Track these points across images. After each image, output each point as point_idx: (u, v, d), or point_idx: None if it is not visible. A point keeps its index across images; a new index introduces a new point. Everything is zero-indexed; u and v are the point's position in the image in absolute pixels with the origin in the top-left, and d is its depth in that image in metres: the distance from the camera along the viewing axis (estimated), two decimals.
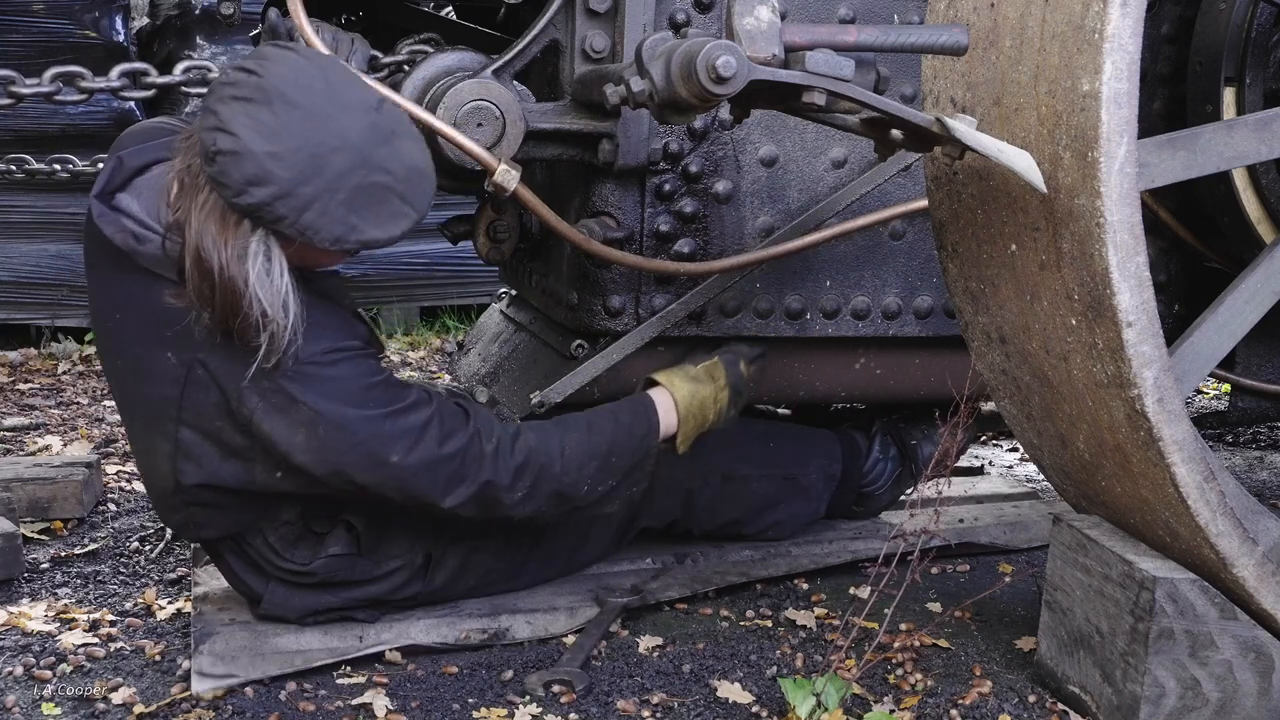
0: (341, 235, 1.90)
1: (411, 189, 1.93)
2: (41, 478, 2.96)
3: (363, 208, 1.89)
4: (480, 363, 3.07)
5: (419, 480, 2.07)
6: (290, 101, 1.84)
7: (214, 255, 1.87)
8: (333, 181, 1.85)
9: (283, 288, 1.90)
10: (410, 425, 2.05)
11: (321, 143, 1.84)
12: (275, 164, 1.83)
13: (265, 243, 1.89)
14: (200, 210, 1.88)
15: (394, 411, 2.04)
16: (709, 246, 2.55)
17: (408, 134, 1.95)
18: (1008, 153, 1.80)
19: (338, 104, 1.87)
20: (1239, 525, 1.90)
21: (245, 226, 1.88)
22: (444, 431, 2.08)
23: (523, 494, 2.15)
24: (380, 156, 1.89)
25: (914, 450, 2.85)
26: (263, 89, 1.84)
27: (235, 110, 1.83)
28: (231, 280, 1.87)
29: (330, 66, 1.93)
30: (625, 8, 2.35)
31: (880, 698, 2.15)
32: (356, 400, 2.02)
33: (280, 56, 1.89)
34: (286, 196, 1.84)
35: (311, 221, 1.87)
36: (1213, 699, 1.98)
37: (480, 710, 2.09)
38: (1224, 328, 2.06)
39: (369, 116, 1.89)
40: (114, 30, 4.77)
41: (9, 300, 4.91)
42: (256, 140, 1.82)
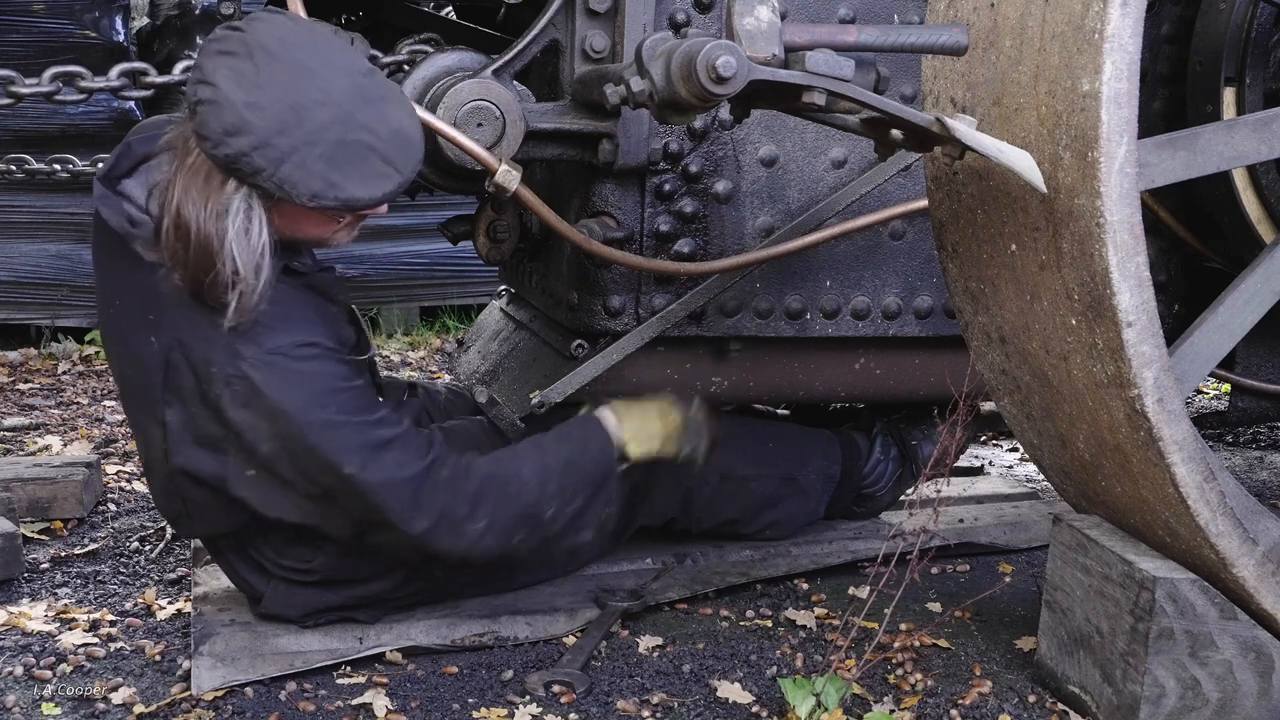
0: (320, 191, 1.87)
1: (396, 151, 1.90)
2: (41, 478, 2.96)
3: (344, 164, 1.87)
4: (480, 360, 3.07)
5: (377, 499, 2.02)
6: (272, 54, 1.84)
7: (193, 213, 1.86)
8: (311, 134, 1.84)
9: (259, 247, 1.89)
10: (369, 440, 2.01)
11: (303, 93, 1.84)
12: (253, 113, 1.82)
13: (247, 200, 1.88)
14: (186, 171, 1.88)
15: (356, 423, 2.00)
16: (709, 246, 2.55)
17: (396, 101, 1.94)
18: (1008, 153, 1.80)
19: (323, 62, 1.87)
20: (1239, 525, 1.90)
21: (229, 186, 1.87)
22: (403, 455, 2.04)
23: (485, 522, 2.10)
24: (364, 116, 1.87)
25: (914, 450, 2.85)
26: (246, 43, 1.84)
27: (218, 63, 1.84)
28: (207, 237, 1.86)
29: (319, 31, 1.93)
30: (625, 8, 2.35)
31: (880, 698, 2.15)
32: (318, 401, 1.98)
33: (268, 17, 1.90)
34: (264, 147, 1.83)
35: (289, 174, 1.85)
36: (1213, 699, 1.98)
37: (480, 710, 2.09)
38: (1224, 328, 2.06)
39: (355, 79, 1.89)
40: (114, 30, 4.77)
41: (9, 300, 4.91)
42: (236, 90, 1.82)
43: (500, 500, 2.12)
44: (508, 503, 2.13)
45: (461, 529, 2.09)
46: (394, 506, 2.03)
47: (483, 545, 2.13)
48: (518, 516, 2.15)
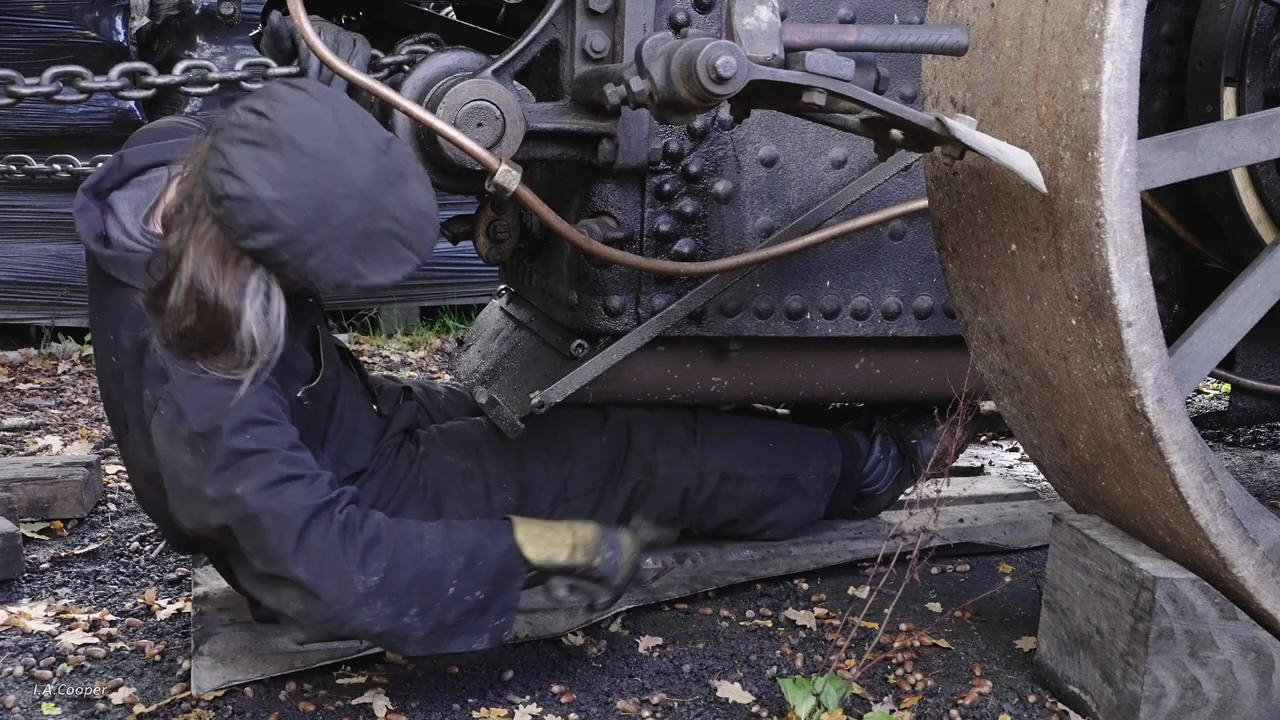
0: (344, 280, 1.88)
1: (416, 234, 1.91)
2: (41, 478, 2.96)
3: (367, 254, 1.87)
4: (480, 360, 3.07)
5: (261, 527, 1.90)
6: (300, 148, 1.81)
7: (211, 288, 1.84)
8: (339, 229, 1.84)
9: (276, 326, 1.89)
10: (272, 470, 1.91)
11: (330, 190, 1.82)
12: (282, 211, 1.81)
13: (266, 281, 1.87)
14: (200, 241, 1.85)
15: (263, 450, 1.91)
16: (709, 246, 2.55)
17: (414, 174, 1.94)
18: (1008, 153, 1.80)
19: (347, 148, 1.85)
20: (1239, 525, 1.90)
21: (247, 264, 1.86)
22: (304, 489, 1.92)
23: (378, 579, 1.93)
24: (388, 203, 1.87)
25: (914, 450, 2.85)
26: (273, 134, 1.81)
27: (244, 154, 1.81)
28: (225, 313, 1.85)
29: (340, 106, 1.90)
30: (625, 8, 2.35)
31: (880, 698, 2.15)
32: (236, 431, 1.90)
33: (291, 98, 1.86)
34: (292, 243, 1.83)
35: (315, 267, 1.85)
36: (1213, 699, 1.98)
37: (480, 710, 2.09)
38: (1224, 328, 2.06)
39: (377, 160, 1.87)
40: (114, 30, 4.77)
41: (9, 300, 4.91)
42: (264, 187, 1.80)
43: (396, 559, 1.96)
44: (406, 563, 1.97)
45: (350, 579, 1.92)
46: (282, 539, 1.90)
47: (373, 608, 1.94)
48: (414, 581, 1.97)
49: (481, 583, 2.03)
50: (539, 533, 2.12)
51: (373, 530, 1.97)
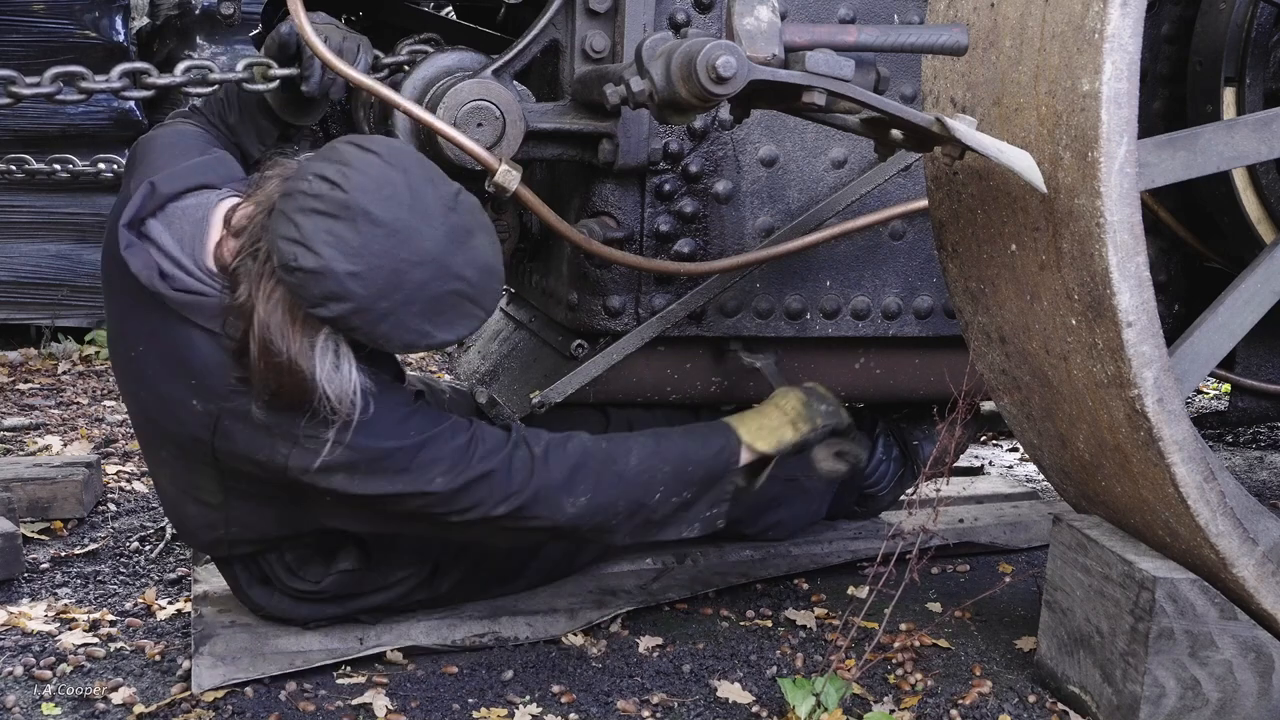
0: (413, 342, 1.90)
1: (483, 292, 1.93)
2: (41, 478, 2.96)
3: (436, 315, 1.89)
4: (480, 360, 3.07)
5: (464, 499, 2.03)
6: (374, 220, 1.81)
7: (283, 347, 1.85)
8: (410, 295, 1.85)
9: (352, 382, 1.89)
10: (448, 450, 2.02)
11: (403, 259, 1.83)
12: (355, 283, 1.81)
13: (335, 340, 1.88)
14: (268, 300, 1.85)
15: (430, 438, 2.01)
16: (709, 246, 2.55)
17: (480, 227, 1.94)
18: (1008, 153, 1.80)
19: (419, 215, 1.84)
20: (1239, 525, 1.90)
21: (314, 323, 1.86)
22: (484, 450, 2.05)
23: (586, 498, 2.10)
24: (456, 264, 1.88)
25: (916, 450, 2.85)
26: (348, 206, 1.81)
27: (318, 225, 1.80)
28: (300, 373, 1.86)
29: (410, 167, 1.89)
30: (625, 8, 2.35)
31: (880, 698, 2.15)
32: (392, 434, 1.99)
33: (363, 164, 1.85)
34: (363, 312, 1.84)
35: (385, 332, 1.87)
36: (1213, 699, 1.98)
37: (480, 710, 2.09)
38: (1224, 328, 2.06)
39: (448, 220, 1.87)
40: (114, 30, 4.77)
41: (9, 300, 4.91)
42: (338, 260, 1.80)
43: (603, 477, 2.11)
44: (611, 481, 2.12)
45: (558, 502, 2.08)
46: (488, 499, 2.04)
47: (583, 520, 2.12)
48: (621, 495, 2.13)
49: (689, 485, 2.19)
50: (758, 425, 2.29)
51: (576, 455, 2.11)
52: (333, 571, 2.21)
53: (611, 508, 2.13)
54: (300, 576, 2.21)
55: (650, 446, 2.18)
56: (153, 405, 2.06)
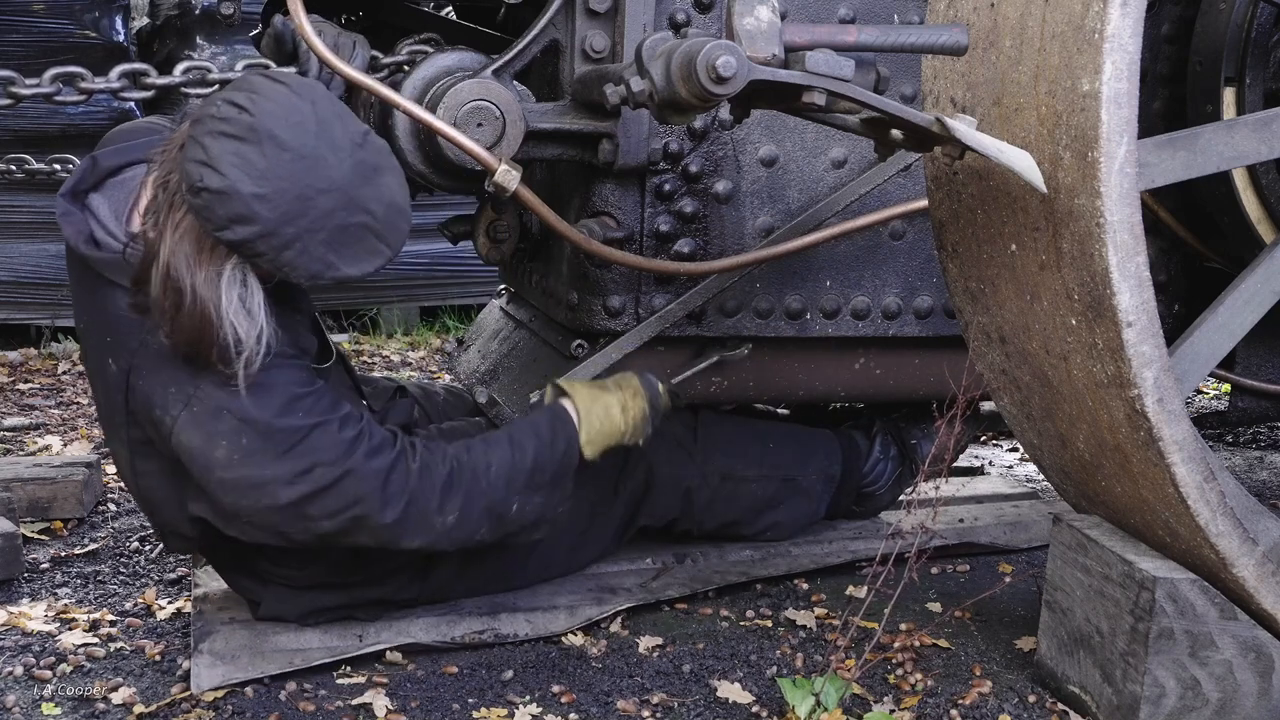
0: (318, 272, 1.90)
1: (389, 228, 1.94)
2: (41, 478, 2.96)
3: (342, 246, 1.89)
4: (480, 360, 3.07)
5: (343, 491, 2.00)
6: (280, 143, 1.83)
7: (186, 277, 1.85)
8: (315, 222, 1.86)
9: (258, 316, 1.90)
10: (339, 439, 2.00)
11: (308, 185, 1.84)
12: (261, 205, 1.82)
13: (241, 269, 1.89)
14: (175, 230, 1.86)
15: (322, 423, 1.99)
16: (709, 246, 2.55)
17: (389, 168, 1.96)
18: (1008, 153, 1.80)
19: (326, 143, 1.86)
20: (1239, 525, 1.90)
21: (221, 252, 1.87)
22: (371, 447, 2.03)
23: (454, 516, 2.09)
24: (363, 196, 1.89)
25: (914, 450, 2.85)
26: (254, 129, 1.82)
27: (224, 148, 1.82)
28: (202, 301, 1.86)
29: (319, 100, 1.91)
30: (625, 8, 2.35)
31: (880, 698, 2.15)
32: (284, 409, 1.97)
33: (271, 92, 1.87)
34: (269, 236, 1.84)
35: (290, 259, 1.87)
36: (1213, 699, 1.98)
37: (480, 710, 2.09)
38: (1224, 328, 2.06)
39: (354, 155, 1.89)
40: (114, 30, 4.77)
41: (9, 300, 4.91)
42: (244, 181, 1.81)
43: (470, 494, 2.11)
44: (476, 497, 2.12)
45: (430, 521, 2.08)
46: (367, 497, 2.01)
47: (449, 538, 2.12)
48: (484, 511, 2.13)
49: (540, 490, 2.20)
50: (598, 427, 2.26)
51: (446, 471, 2.10)
52: (314, 560, 2.20)
53: (476, 526, 2.13)
54: (285, 565, 2.21)
55: (507, 456, 2.16)
56: (94, 377, 2.09)
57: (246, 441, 1.95)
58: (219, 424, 1.94)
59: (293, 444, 1.97)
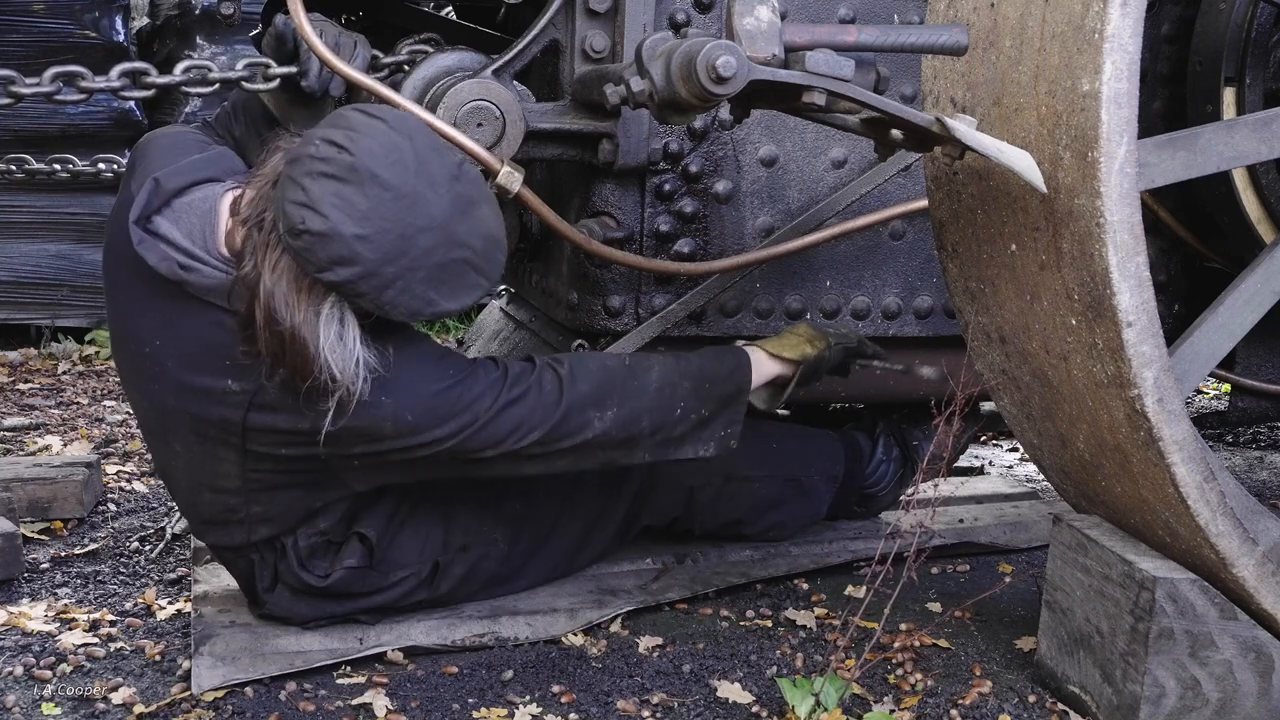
0: (418, 310, 1.92)
1: (488, 260, 1.96)
2: (41, 478, 2.96)
3: (441, 283, 1.90)
4: None
5: (501, 427, 2.07)
6: (381, 183, 1.83)
7: (286, 316, 1.86)
8: (416, 260, 1.86)
9: (355, 352, 1.90)
10: (486, 383, 2.07)
11: (409, 224, 1.84)
12: (363, 246, 1.83)
13: (339, 308, 1.89)
14: (273, 270, 1.86)
15: (469, 375, 2.07)
16: (709, 246, 2.55)
17: (484, 199, 1.97)
18: (1008, 153, 1.80)
19: (425, 181, 1.86)
20: (1239, 525, 1.90)
21: (320, 291, 1.87)
22: (514, 375, 2.10)
23: (613, 412, 2.15)
24: (462, 232, 1.90)
25: (916, 450, 2.85)
26: (355, 169, 1.82)
27: (325, 188, 1.82)
28: (303, 342, 1.86)
29: (416, 134, 1.91)
30: (625, 8, 2.35)
31: (880, 698, 2.15)
32: (434, 377, 2.03)
33: (370, 129, 1.86)
34: (370, 276, 1.85)
35: (392, 298, 1.88)
36: (1213, 699, 1.98)
37: (480, 710, 2.09)
38: (1224, 328, 2.06)
39: (452, 189, 1.89)
40: (114, 30, 4.77)
41: (9, 300, 4.91)
42: (346, 223, 1.81)
43: (627, 392, 2.17)
44: (635, 396, 2.17)
45: (587, 417, 2.13)
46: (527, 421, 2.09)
47: (610, 434, 2.17)
48: (645, 410, 2.19)
49: (707, 401, 2.24)
50: (778, 343, 2.38)
51: (601, 371, 2.17)
52: (339, 567, 2.21)
53: (636, 423, 2.18)
54: (309, 569, 2.21)
55: (670, 364, 2.24)
56: (171, 397, 2.07)
57: (412, 419, 2.01)
58: (378, 410, 1.98)
59: (452, 407, 2.03)
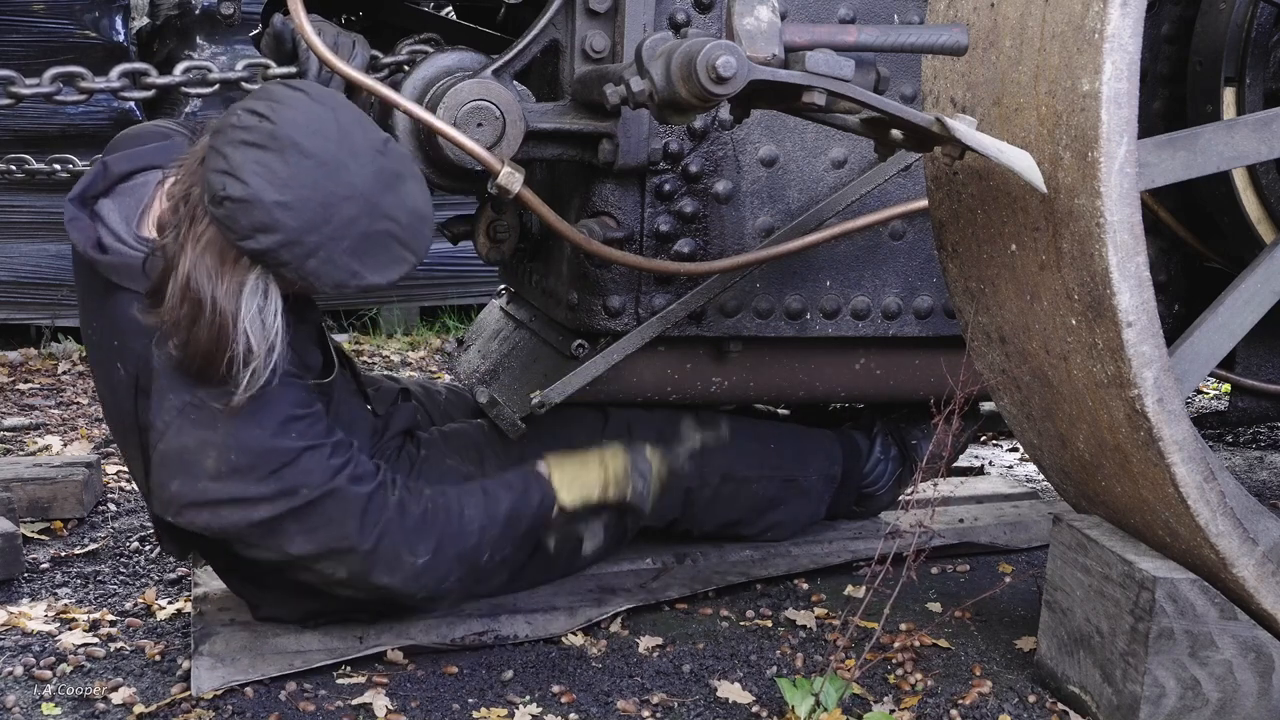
0: (343, 281, 1.90)
1: (413, 235, 1.94)
2: (41, 478, 2.96)
3: (366, 255, 1.90)
4: (480, 360, 3.07)
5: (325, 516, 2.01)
6: (302, 150, 1.83)
7: (207, 287, 1.85)
8: (339, 230, 1.86)
9: (273, 329, 1.90)
10: (327, 465, 2.01)
11: (331, 192, 1.84)
12: (284, 213, 1.82)
13: (264, 280, 1.89)
14: (197, 242, 1.86)
15: (313, 447, 2.00)
16: (709, 246, 2.55)
17: (411, 175, 1.96)
18: (1008, 153, 1.80)
19: (347, 150, 1.87)
20: (1239, 525, 1.90)
21: (245, 263, 1.87)
22: (354, 475, 2.04)
23: (425, 559, 2.10)
24: (386, 204, 1.89)
25: (915, 450, 2.85)
26: (275, 136, 1.83)
27: (246, 156, 1.82)
28: (222, 313, 1.85)
29: (339, 107, 1.92)
30: (625, 8, 2.35)
31: (880, 698, 2.15)
32: (279, 430, 1.97)
33: (292, 100, 1.88)
34: (292, 244, 1.84)
35: (315, 268, 1.87)
36: (1213, 699, 1.98)
37: (480, 710, 2.09)
38: (1224, 328, 2.06)
39: (376, 161, 1.89)
40: (114, 30, 4.77)
41: (9, 300, 4.91)
42: (267, 190, 1.82)
43: (444, 538, 2.12)
44: (449, 541, 2.13)
45: (401, 559, 2.08)
46: (344, 521, 2.02)
47: (418, 581, 2.12)
48: (457, 557, 2.15)
49: (512, 541, 2.22)
50: (573, 475, 2.31)
51: (420, 511, 2.10)
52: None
53: (447, 572, 2.14)
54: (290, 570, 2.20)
55: (480, 503, 2.18)
56: (104, 385, 2.09)
57: (235, 458, 1.95)
58: (212, 434, 1.94)
59: (282, 464, 1.97)
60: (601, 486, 2.33)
